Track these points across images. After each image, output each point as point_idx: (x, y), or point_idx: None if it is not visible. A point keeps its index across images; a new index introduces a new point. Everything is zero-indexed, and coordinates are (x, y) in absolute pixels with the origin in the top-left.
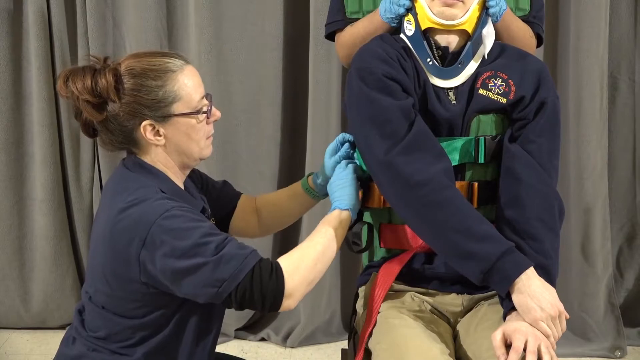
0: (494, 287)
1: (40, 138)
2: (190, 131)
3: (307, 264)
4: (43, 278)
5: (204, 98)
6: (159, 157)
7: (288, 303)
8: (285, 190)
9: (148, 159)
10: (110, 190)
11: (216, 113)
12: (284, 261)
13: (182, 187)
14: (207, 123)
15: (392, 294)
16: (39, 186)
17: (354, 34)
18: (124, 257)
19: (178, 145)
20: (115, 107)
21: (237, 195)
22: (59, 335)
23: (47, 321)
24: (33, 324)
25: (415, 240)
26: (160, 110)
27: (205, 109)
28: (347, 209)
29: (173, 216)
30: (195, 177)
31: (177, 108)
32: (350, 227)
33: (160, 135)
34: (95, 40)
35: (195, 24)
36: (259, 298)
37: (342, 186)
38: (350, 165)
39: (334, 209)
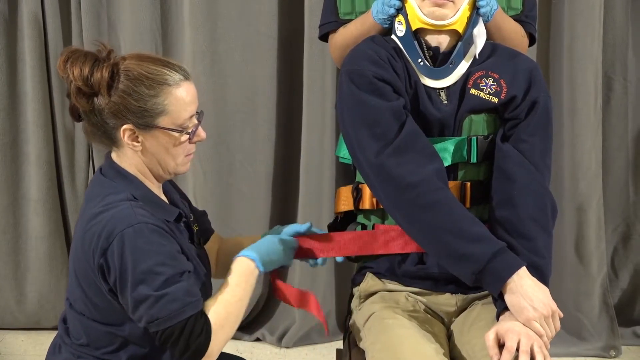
0: (486, 287)
1: (35, 138)
2: (169, 146)
3: (230, 322)
4: (38, 278)
5: (194, 117)
6: (133, 161)
7: None
8: (249, 238)
9: (124, 159)
10: (87, 196)
11: (201, 134)
12: (213, 315)
13: (159, 193)
14: (190, 142)
15: (387, 294)
16: (34, 186)
17: (346, 35)
18: (91, 264)
19: (154, 156)
20: (102, 102)
21: (211, 230)
22: (54, 335)
23: (42, 322)
24: (28, 325)
25: (409, 241)
26: (144, 118)
27: (190, 129)
28: (260, 269)
29: (136, 232)
30: (177, 187)
31: (162, 121)
32: (345, 229)
33: (138, 142)
34: (91, 40)
35: (190, 24)
36: (182, 349)
37: (276, 247)
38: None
39: (253, 259)
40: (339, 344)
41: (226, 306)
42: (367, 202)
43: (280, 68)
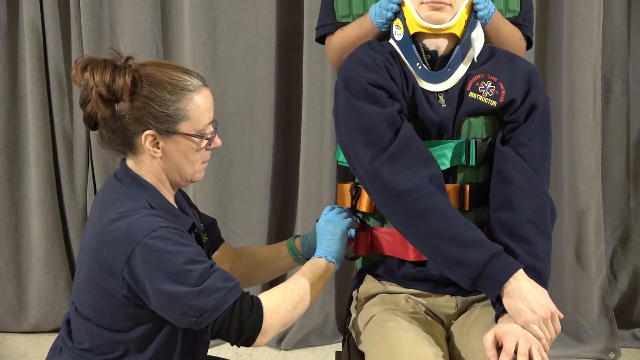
0: (483, 291)
1: (34, 139)
2: (189, 152)
3: (287, 306)
4: (38, 279)
5: (211, 124)
6: (151, 168)
7: (261, 340)
8: (269, 247)
9: (141, 167)
10: (99, 201)
11: (217, 141)
12: (266, 298)
13: (173, 202)
14: (207, 149)
15: (387, 296)
16: (33, 187)
17: (344, 38)
18: (107, 271)
19: (173, 162)
20: (125, 108)
21: (221, 239)
22: (53, 338)
23: (40, 323)
24: (27, 326)
25: (407, 244)
26: (166, 124)
27: (209, 135)
28: (333, 262)
29: (159, 237)
30: (187, 196)
31: (183, 127)
32: None
33: (158, 148)
34: (90, 42)
35: (190, 25)
36: (236, 332)
37: (333, 234)
38: (347, 217)
39: (322, 256)
40: (339, 347)
41: (284, 292)
42: (364, 205)
43: (279, 70)
